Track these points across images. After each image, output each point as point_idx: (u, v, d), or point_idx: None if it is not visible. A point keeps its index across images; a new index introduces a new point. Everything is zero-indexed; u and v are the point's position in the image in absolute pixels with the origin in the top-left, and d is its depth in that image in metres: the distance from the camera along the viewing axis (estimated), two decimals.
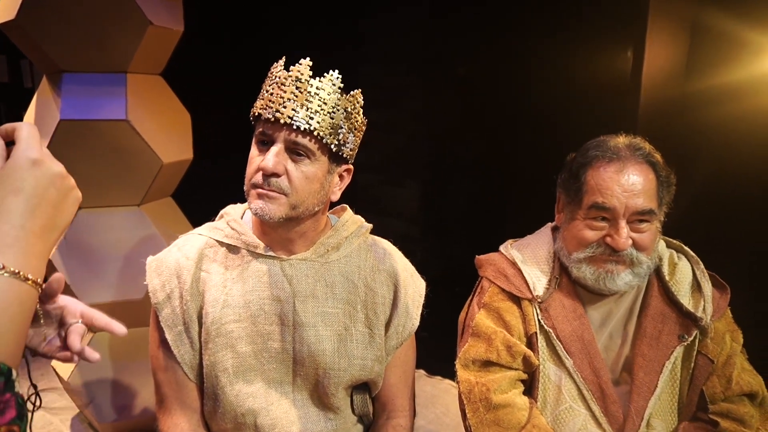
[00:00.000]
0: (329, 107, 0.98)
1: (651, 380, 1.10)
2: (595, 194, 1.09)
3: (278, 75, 0.99)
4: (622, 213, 1.07)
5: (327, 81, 0.98)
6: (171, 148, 2.00)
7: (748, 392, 1.10)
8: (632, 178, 1.07)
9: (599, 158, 1.11)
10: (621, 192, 1.07)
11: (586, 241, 1.11)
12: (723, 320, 1.15)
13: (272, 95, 0.97)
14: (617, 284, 1.10)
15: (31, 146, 0.60)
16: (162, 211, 2.15)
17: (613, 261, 1.10)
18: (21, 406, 0.53)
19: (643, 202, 1.07)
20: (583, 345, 1.13)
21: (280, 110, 0.95)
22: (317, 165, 1.00)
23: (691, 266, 1.19)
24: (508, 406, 1.11)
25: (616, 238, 1.07)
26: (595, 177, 1.10)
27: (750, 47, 1.96)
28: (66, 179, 0.62)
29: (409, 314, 1.12)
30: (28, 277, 0.57)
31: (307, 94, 0.96)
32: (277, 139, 0.97)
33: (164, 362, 1.07)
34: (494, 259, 1.26)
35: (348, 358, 1.07)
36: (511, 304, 1.19)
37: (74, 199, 0.64)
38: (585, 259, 1.12)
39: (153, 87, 2.03)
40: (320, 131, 0.97)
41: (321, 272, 1.08)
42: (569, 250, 1.15)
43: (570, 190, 1.15)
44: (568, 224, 1.16)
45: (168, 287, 1.05)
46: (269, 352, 1.05)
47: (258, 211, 0.99)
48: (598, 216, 1.09)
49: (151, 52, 1.91)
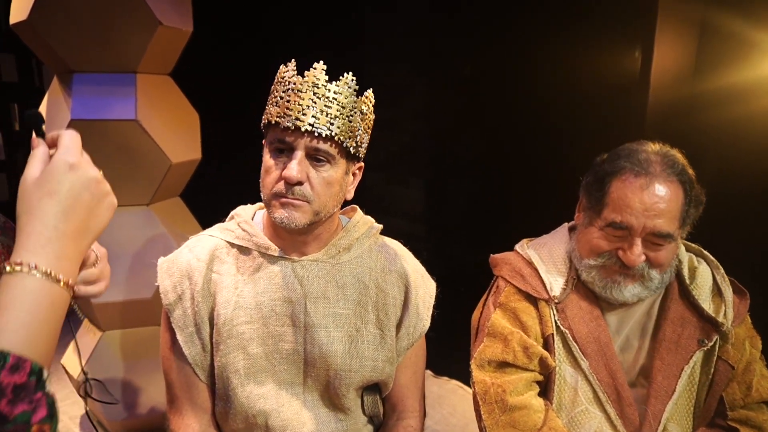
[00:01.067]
0: (347, 111, 0.97)
1: (669, 384, 1.09)
2: (615, 212, 1.05)
3: (293, 81, 0.96)
4: (639, 231, 1.04)
5: (343, 84, 0.97)
6: (180, 147, 2.00)
7: (767, 399, 1.09)
8: (657, 197, 1.02)
9: (627, 170, 1.06)
10: (642, 210, 1.02)
11: (599, 249, 1.10)
12: (743, 326, 1.13)
13: (289, 102, 0.95)
14: (624, 295, 1.09)
15: (70, 151, 0.62)
16: (170, 211, 2.15)
17: (622, 274, 1.08)
18: (51, 406, 0.54)
19: (663, 224, 1.03)
20: (600, 347, 1.12)
21: (300, 118, 0.94)
22: (336, 168, 1.00)
23: (711, 271, 1.17)
24: (524, 408, 1.09)
25: (629, 254, 1.05)
26: (618, 190, 1.06)
27: (758, 48, 1.95)
28: (101, 184, 0.64)
29: (420, 315, 1.12)
30: (59, 279, 0.58)
31: (326, 99, 0.95)
32: (298, 146, 0.96)
33: (175, 363, 1.07)
34: (510, 259, 1.24)
35: (359, 359, 1.07)
36: (527, 305, 1.17)
37: (109, 204, 0.65)
38: (595, 267, 1.11)
39: (162, 87, 2.03)
40: (340, 136, 0.96)
41: (332, 273, 1.08)
42: (581, 254, 1.14)
43: (592, 195, 1.12)
44: (585, 228, 1.14)
45: (179, 288, 1.05)
46: (280, 353, 1.05)
47: (284, 221, 0.98)
48: (615, 230, 1.07)
49: (160, 53, 1.92)
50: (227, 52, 3.01)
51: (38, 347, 0.55)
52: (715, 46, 2.06)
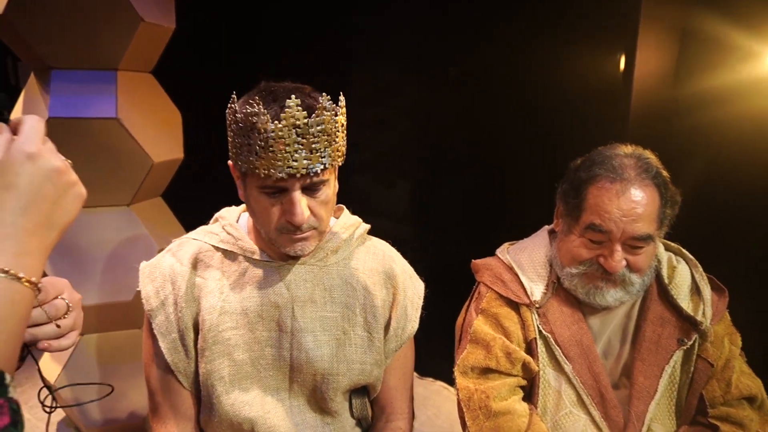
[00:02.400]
0: (332, 136, 0.93)
1: (651, 384, 1.10)
2: (593, 215, 1.06)
3: (270, 129, 0.87)
4: (618, 237, 1.05)
5: (322, 112, 0.89)
6: (161, 147, 1.97)
7: (747, 395, 1.10)
8: (633, 202, 1.03)
9: (602, 177, 1.06)
10: (620, 216, 1.03)
11: (580, 258, 1.10)
12: (722, 323, 1.14)
13: (274, 152, 0.88)
14: (607, 300, 1.10)
15: (29, 139, 0.58)
16: (152, 211, 2.12)
17: (604, 279, 1.09)
18: (15, 412, 0.51)
19: (641, 227, 1.04)
20: (582, 350, 1.13)
21: (292, 165, 0.88)
22: (330, 186, 0.98)
23: (689, 269, 1.19)
24: (508, 413, 1.10)
25: (610, 261, 1.06)
26: (595, 197, 1.06)
27: (738, 52, 1.99)
28: (65, 174, 0.60)
29: (408, 317, 1.11)
30: (20, 276, 0.55)
31: (311, 137, 0.89)
32: (293, 188, 0.92)
33: (158, 371, 1.04)
34: (491, 264, 1.25)
35: (347, 363, 1.05)
36: (509, 310, 1.18)
37: (75, 195, 0.61)
38: (577, 275, 1.12)
39: (144, 85, 2.00)
40: (332, 162, 0.94)
41: (319, 276, 1.06)
42: (563, 263, 1.14)
43: (569, 203, 1.13)
44: (565, 236, 1.14)
45: (162, 294, 1.03)
46: (266, 359, 1.03)
47: (298, 252, 0.99)
48: (595, 237, 1.08)
49: (142, 50, 1.88)
50: (210, 50, 2.97)
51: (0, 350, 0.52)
52: (697, 50, 2.09)
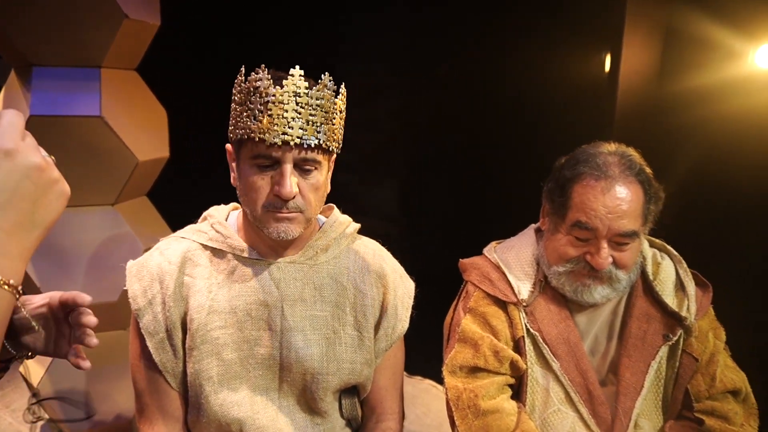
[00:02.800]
0: (330, 115, 0.94)
1: (637, 381, 1.11)
2: (579, 213, 1.07)
3: (271, 92, 0.89)
4: (604, 234, 1.06)
5: (323, 88, 0.93)
6: (147, 145, 1.95)
7: (731, 389, 1.12)
8: (618, 199, 1.05)
9: (587, 175, 1.08)
10: (605, 213, 1.05)
11: (567, 256, 1.11)
12: (706, 318, 1.16)
13: (272, 116, 0.89)
14: (594, 297, 1.11)
15: (6, 135, 0.55)
16: (137, 211, 2.09)
17: (591, 277, 1.10)
18: None
19: (627, 224, 1.05)
20: (570, 347, 1.14)
21: (287, 132, 0.90)
22: (322, 171, 0.98)
23: (674, 265, 1.20)
24: (497, 412, 1.10)
25: (597, 257, 1.07)
26: (580, 195, 1.08)
27: (722, 51, 2.01)
28: (46, 171, 0.57)
29: (399, 316, 1.11)
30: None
31: (309, 107, 0.91)
32: (285, 159, 0.92)
33: (145, 370, 1.03)
34: (478, 263, 1.25)
35: (337, 362, 1.05)
36: (497, 309, 1.18)
37: (58, 193, 0.59)
38: (564, 273, 1.13)
39: (128, 82, 1.97)
40: (327, 141, 0.94)
41: (309, 275, 1.06)
42: (550, 261, 1.15)
43: (555, 202, 1.14)
44: (551, 235, 1.15)
45: (150, 293, 1.01)
46: (255, 358, 1.03)
47: (280, 234, 0.97)
48: (581, 235, 1.09)
49: (126, 47, 1.86)
50: (196, 47, 2.94)
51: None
52: (681, 49, 2.11)
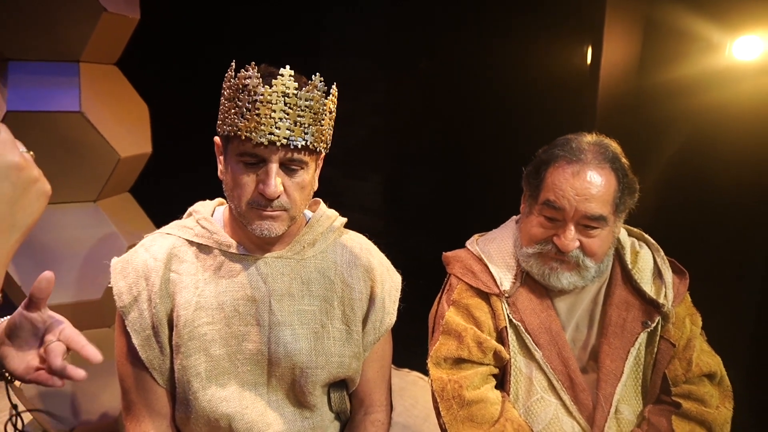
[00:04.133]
0: (319, 116, 0.94)
1: (617, 367, 1.13)
2: (549, 192, 1.10)
3: (260, 91, 0.89)
4: (571, 215, 1.08)
5: (312, 89, 0.93)
6: (128, 141, 1.92)
7: (707, 373, 1.15)
8: (588, 182, 1.07)
9: (561, 158, 1.11)
10: (573, 195, 1.07)
11: (535, 237, 1.13)
12: (683, 305, 1.19)
13: (259, 115, 0.89)
14: (561, 282, 1.13)
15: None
16: (120, 207, 2.07)
17: (558, 260, 1.12)
18: None
19: (594, 207, 1.07)
20: (551, 336, 1.16)
21: (274, 132, 0.90)
22: (308, 170, 0.98)
23: (651, 254, 1.22)
24: (481, 402, 1.12)
25: (562, 239, 1.09)
26: (552, 176, 1.10)
27: (700, 43, 2.04)
28: (24, 171, 0.55)
29: (386, 309, 1.12)
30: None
31: (298, 108, 0.91)
32: (271, 159, 0.92)
33: (131, 368, 1.03)
34: (461, 256, 1.27)
35: (325, 356, 1.06)
36: (479, 300, 1.20)
37: (38, 193, 0.57)
38: (533, 255, 1.14)
39: (108, 77, 1.94)
40: (314, 143, 0.95)
41: (297, 269, 1.06)
42: (523, 243, 1.18)
43: (531, 183, 1.16)
44: (526, 218, 1.18)
45: (135, 290, 1.01)
46: (243, 353, 1.03)
47: (264, 232, 0.97)
48: (550, 214, 1.11)
49: (105, 41, 1.83)
50: (177, 41, 2.90)
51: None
52: (660, 42, 2.14)
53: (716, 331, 1.26)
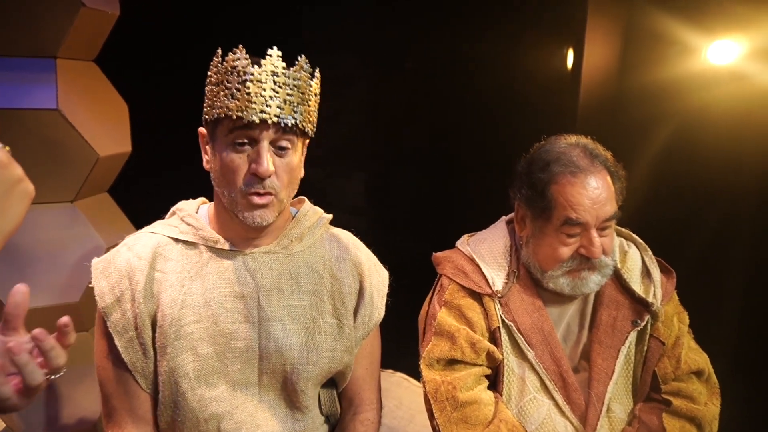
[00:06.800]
0: (306, 95, 0.96)
1: (608, 366, 1.14)
2: (567, 210, 1.09)
3: (249, 71, 0.91)
4: (593, 224, 1.09)
5: (299, 69, 0.95)
6: (107, 140, 1.88)
7: (695, 370, 1.17)
8: (597, 188, 1.09)
9: (563, 174, 1.10)
10: (591, 205, 1.08)
11: (562, 258, 1.12)
12: (671, 303, 1.21)
13: (250, 94, 0.90)
14: (590, 287, 1.14)
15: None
16: (98, 208, 2.02)
17: (586, 269, 1.13)
18: None
19: (609, 209, 1.10)
20: (544, 336, 1.16)
21: (265, 110, 0.91)
22: (296, 152, 0.99)
23: (639, 253, 1.24)
24: (475, 403, 1.11)
25: (591, 249, 1.10)
26: (563, 194, 1.10)
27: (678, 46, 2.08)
28: (6, 170, 0.52)
29: (375, 304, 1.11)
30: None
31: (287, 87, 0.93)
32: (262, 138, 0.93)
33: (113, 372, 0.99)
34: (452, 257, 1.26)
35: (317, 351, 1.04)
36: (472, 301, 1.19)
37: (21, 193, 0.53)
38: (562, 274, 1.14)
39: (86, 74, 1.89)
40: (303, 122, 0.96)
41: (285, 264, 1.05)
42: (545, 268, 1.15)
43: (536, 207, 1.14)
44: (539, 240, 1.15)
45: (118, 290, 0.98)
46: (233, 352, 1.00)
47: (257, 220, 0.97)
48: (572, 231, 1.11)
49: (83, 36, 1.78)
50: (157, 37, 2.85)
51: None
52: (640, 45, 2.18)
53: (701, 328, 1.27)
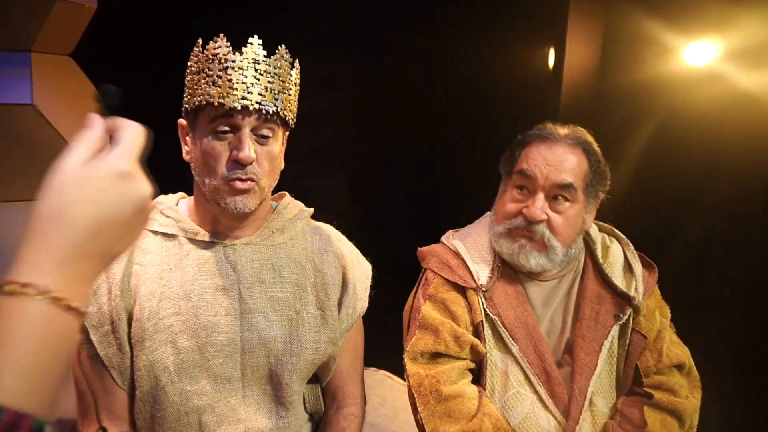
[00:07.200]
0: (287, 84, 0.97)
1: (591, 360, 1.15)
2: (522, 163, 1.15)
3: (231, 58, 0.92)
4: (541, 184, 1.11)
5: (280, 58, 0.95)
6: None
7: (677, 363, 1.18)
8: (560, 156, 1.12)
9: (535, 137, 1.17)
10: (544, 164, 1.12)
11: (507, 212, 1.16)
12: (652, 297, 1.22)
13: (231, 81, 0.91)
14: (530, 262, 1.14)
15: (125, 155, 0.51)
16: None
17: (527, 237, 1.14)
18: None
19: (565, 177, 1.11)
20: (527, 331, 1.16)
21: (246, 97, 0.91)
22: (277, 141, 0.99)
23: (622, 248, 1.25)
24: (459, 397, 1.11)
25: (531, 208, 1.12)
26: (526, 152, 1.16)
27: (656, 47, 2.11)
28: (149, 203, 0.52)
29: (358, 295, 1.12)
30: (71, 306, 0.46)
31: (268, 75, 0.94)
32: (244, 125, 0.93)
33: (88, 368, 0.97)
34: (437, 251, 1.27)
35: (300, 343, 1.04)
36: (456, 295, 1.20)
37: (144, 227, 0.53)
38: (504, 233, 1.17)
39: (62, 69, 1.85)
40: (284, 110, 0.96)
41: (267, 256, 1.05)
42: (496, 222, 1.20)
43: (506, 164, 1.21)
44: (500, 198, 1.21)
45: (94, 283, 0.96)
46: (214, 345, 0.99)
47: (239, 206, 0.96)
48: (521, 185, 1.15)
49: (59, 30, 1.74)
50: (136, 31, 2.80)
51: (41, 395, 0.44)
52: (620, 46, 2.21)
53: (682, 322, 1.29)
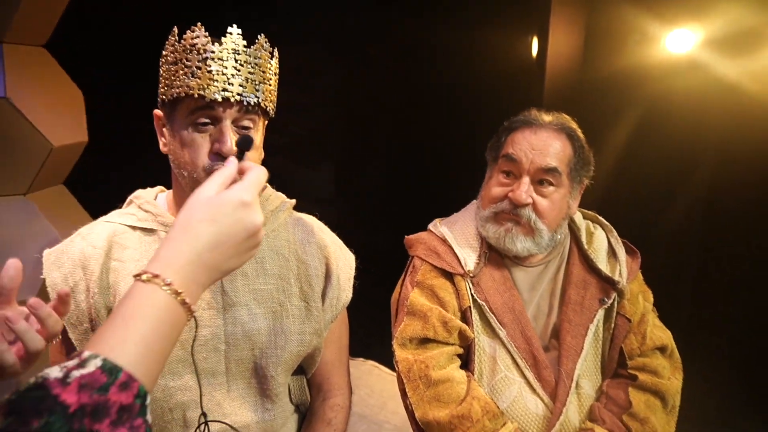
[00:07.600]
0: (267, 74, 0.94)
1: (577, 343, 1.16)
2: (507, 148, 1.17)
3: (209, 49, 0.89)
4: (526, 168, 1.13)
5: (260, 47, 0.93)
6: (62, 129, 1.79)
7: (659, 346, 1.20)
8: (544, 141, 1.14)
9: (521, 123, 1.19)
10: (529, 148, 1.13)
11: (493, 197, 1.17)
12: (636, 282, 1.24)
13: (211, 72, 0.88)
14: (516, 246, 1.15)
15: (250, 189, 0.63)
16: (53, 200, 1.93)
17: (513, 220, 1.15)
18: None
19: (550, 161, 1.13)
20: (515, 315, 1.17)
21: (227, 88, 0.88)
22: (258, 131, 0.96)
23: (605, 234, 1.27)
24: (447, 381, 1.12)
25: (516, 191, 1.13)
26: (512, 137, 1.18)
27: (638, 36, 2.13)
28: (259, 233, 0.63)
29: (342, 286, 1.11)
30: (185, 301, 0.57)
31: (248, 66, 0.91)
32: (225, 117, 0.90)
33: None
34: (424, 238, 1.27)
35: (285, 335, 1.03)
36: (444, 281, 1.20)
37: (251, 256, 0.64)
38: (490, 217, 1.18)
39: (36, 60, 1.80)
40: (265, 101, 0.94)
41: None
42: (483, 206, 1.21)
43: (492, 150, 1.23)
44: (486, 185, 1.23)
45: (71, 280, 0.93)
46: (197, 340, 0.98)
47: None
48: (507, 170, 1.16)
49: (32, 20, 1.69)
50: (113, 21, 2.74)
51: (149, 369, 0.53)
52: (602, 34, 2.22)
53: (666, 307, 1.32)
